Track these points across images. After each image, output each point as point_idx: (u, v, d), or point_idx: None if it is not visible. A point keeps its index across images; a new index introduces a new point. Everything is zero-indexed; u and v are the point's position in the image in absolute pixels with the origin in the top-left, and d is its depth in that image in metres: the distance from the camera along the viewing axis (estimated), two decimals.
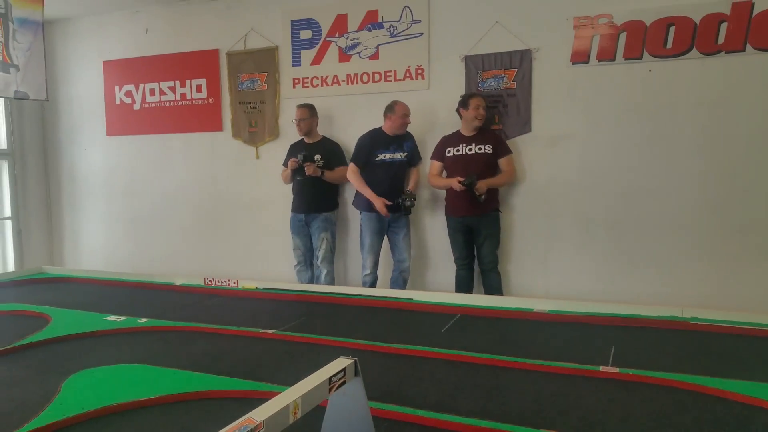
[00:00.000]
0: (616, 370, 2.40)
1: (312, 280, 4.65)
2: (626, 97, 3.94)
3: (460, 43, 4.35)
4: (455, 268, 4.28)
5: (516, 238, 4.30)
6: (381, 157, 4.32)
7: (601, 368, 2.42)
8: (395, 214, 4.29)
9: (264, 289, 4.30)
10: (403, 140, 4.37)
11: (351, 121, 4.76)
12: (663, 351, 2.70)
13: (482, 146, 4.10)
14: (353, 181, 4.38)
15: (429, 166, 4.37)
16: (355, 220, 4.78)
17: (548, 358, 2.59)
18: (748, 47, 3.62)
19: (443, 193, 4.32)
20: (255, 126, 5.22)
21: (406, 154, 4.37)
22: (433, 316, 3.48)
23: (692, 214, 3.82)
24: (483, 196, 3.99)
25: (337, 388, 1.58)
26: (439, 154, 4.29)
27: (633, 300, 3.75)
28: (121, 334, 3.22)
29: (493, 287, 4.12)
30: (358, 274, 4.78)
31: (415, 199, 4.25)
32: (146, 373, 2.50)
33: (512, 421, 1.96)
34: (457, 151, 4.17)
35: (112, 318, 3.47)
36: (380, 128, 4.37)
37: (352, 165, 4.37)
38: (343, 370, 1.60)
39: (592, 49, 4.01)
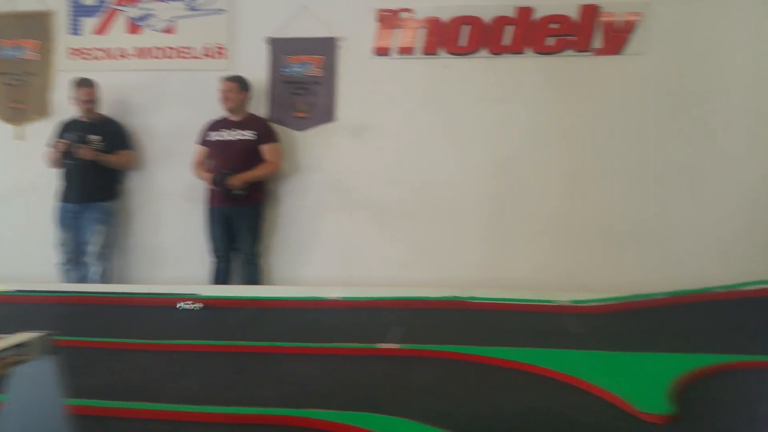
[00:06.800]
0: (396, 346, 2.30)
1: (82, 280, 3.96)
2: (424, 91, 4.03)
3: (266, 24, 4.10)
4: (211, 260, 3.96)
5: (307, 228, 4.11)
6: None
7: (378, 345, 2.30)
8: None
9: (17, 291, 3.54)
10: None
11: (140, 99, 4.22)
12: (443, 328, 2.72)
13: (245, 132, 3.87)
14: None
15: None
16: (138, 211, 4.22)
17: (335, 341, 2.42)
18: (527, 50, 3.92)
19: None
20: (20, 102, 4.38)
21: None
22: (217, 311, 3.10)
23: (480, 203, 4.00)
24: (241, 192, 3.76)
25: (10, 366, 1.18)
26: (200, 138, 3.97)
27: (425, 284, 3.76)
28: None
29: (251, 280, 3.89)
30: (134, 273, 4.19)
31: None
32: None
33: (276, 405, 1.71)
34: (219, 136, 3.89)
35: None
36: None
37: None
38: (21, 345, 1.20)
39: (393, 42, 4.04)
